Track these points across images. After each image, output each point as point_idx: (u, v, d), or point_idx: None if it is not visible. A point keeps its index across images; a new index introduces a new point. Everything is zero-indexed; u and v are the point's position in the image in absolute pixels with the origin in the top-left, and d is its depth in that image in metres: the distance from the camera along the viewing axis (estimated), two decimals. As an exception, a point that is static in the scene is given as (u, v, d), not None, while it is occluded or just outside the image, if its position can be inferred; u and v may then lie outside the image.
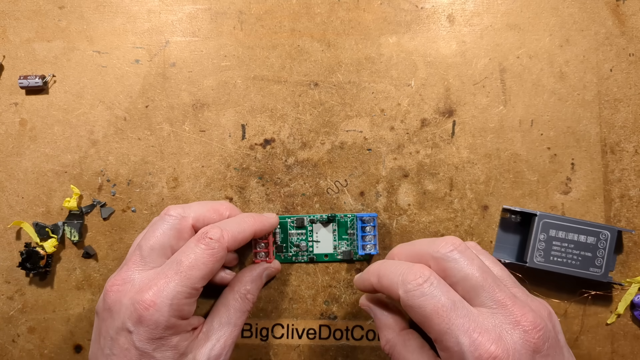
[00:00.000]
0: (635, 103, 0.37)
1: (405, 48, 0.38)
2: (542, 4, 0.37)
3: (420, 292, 0.24)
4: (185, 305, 0.28)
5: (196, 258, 0.28)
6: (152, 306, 0.27)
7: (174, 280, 0.27)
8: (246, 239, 0.31)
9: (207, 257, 0.28)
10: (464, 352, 0.23)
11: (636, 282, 0.36)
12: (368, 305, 0.31)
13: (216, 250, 0.28)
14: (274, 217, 0.35)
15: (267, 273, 0.35)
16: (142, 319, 0.26)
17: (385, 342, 0.29)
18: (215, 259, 0.28)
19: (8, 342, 0.37)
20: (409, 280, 0.25)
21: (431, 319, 0.24)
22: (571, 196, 0.36)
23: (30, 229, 0.37)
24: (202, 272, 0.28)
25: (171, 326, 0.27)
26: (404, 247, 0.29)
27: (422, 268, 0.25)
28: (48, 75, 0.38)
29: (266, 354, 0.36)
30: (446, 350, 0.24)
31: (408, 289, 0.25)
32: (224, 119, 0.38)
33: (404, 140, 0.37)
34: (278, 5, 0.38)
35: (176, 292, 0.27)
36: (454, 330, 0.23)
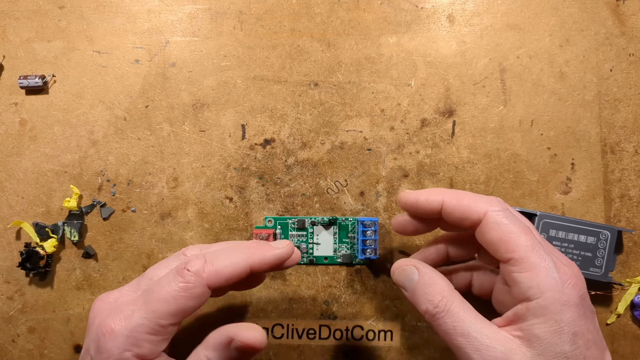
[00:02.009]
0: (635, 103, 0.37)
1: (405, 48, 0.38)
2: (542, 4, 0.37)
3: (509, 213, 0.25)
4: (145, 341, 0.24)
5: (168, 291, 0.24)
6: (110, 333, 0.24)
7: (139, 311, 0.24)
8: (237, 274, 0.26)
9: (179, 291, 0.24)
10: (551, 266, 0.24)
11: (636, 282, 0.36)
12: (413, 263, 0.27)
13: (191, 286, 0.24)
14: (287, 249, 0.28)
15: (236, 345, 0.25)
16: (99, 344, 0.24)
17: (439, 296, 0.25)
18: (190, 296, 0.24)
19: (8, 342, 0.37)
20: (495, 204, 0.26)
21: (519, 234, 0.24)
22: (571, 196, 0.36)
23: (30, 229, 0.37)
24: (171, 307, 0.24)
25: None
26: (448, 191, 0.28)
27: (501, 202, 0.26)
28: (48, 75, 0.38)
29: (266, 354, 0.36)
30: (532, 267, 0.24)
31: (496, 208, 0.25)
32: (224, 119, 0.38)
33: (404, 140, 0.37)
34: (278, 5, 0.38)
35: (136, 324, 0.24)
36: (540, 247, 0.24)
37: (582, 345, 0.23)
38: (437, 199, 0.27)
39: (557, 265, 0.24)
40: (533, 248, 0.24)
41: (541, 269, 0.23)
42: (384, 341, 0.36)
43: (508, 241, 0.24)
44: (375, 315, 0.36)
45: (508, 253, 0.24)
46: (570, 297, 0.23)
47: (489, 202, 0.26)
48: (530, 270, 0.24)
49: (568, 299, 0.23)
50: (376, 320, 0.36)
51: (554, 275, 0.23)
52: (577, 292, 0.24)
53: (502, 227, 0.25)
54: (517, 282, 0.24)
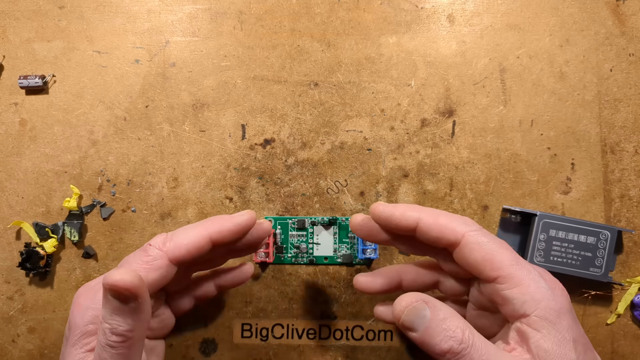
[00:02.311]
0: (635, 103, 0.37)
1: (405, 48, 0.38)
2: (542, 4, 0.37)
3: (485, 232, 0.25)
4: None
5: (132, 265, 0.25)
6: (77, 308, 0.25)
7: None
8: (197, 245, 0.26)
9: (141, 263, 0.25)
10: (539, 278, 0.23)
11: (636, 282, 0.36)
12: (422, 299, 0.24)
13: (152, 259, 0.25)
14: (246, 216, 0.27)
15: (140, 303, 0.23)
16: (70, 322, 0.25)
17: (460, 331, 0.23)
18: (151, 267, 0.25)
19: (8, 342, 0.37)
20: (470, 224, 0.25)
21: (501, 252, 0.24)
22: (571, 196, 0.36)
23: (30, 229, 0.37)
24: None
25: (88, 334, 0.24)
26: (424, 209, 0.26)
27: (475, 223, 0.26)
28: (48, 75, 0.38)
29: (266, 354, 0.36)
30: (521, 281, 0.23)
31: (474, 228, 0.25)
32: (224, 119, 0.38)
33: (404, 140, 0.37)
34: (278, 5, 0.38)
35: (100, 298, 0.24)
36: (522, 261, 0.24)
37: (581, 350, 0.23)
38: (413, 216, 0.26)
39: (541, 274, 0.24)
40: (517, 263, 0.24)
41: (530, 281, 0.23)
42: (384, 341, 0.36)
43: (492, 260, 0.24)
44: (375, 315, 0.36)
45: (494, 271, 0.24)
46: (563, 303, 0.23)
47: (465, 222, 0.25)
48: (520, 285, 0.23)
49: (561, 306, 0.23)
50: (376, 320, 0.36)
51: (543, 285, 0.23)
52: (565, 298, 0.24)
53: (484, 247, 0.24)
54: (509, 299, 0.23)
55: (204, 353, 0.36)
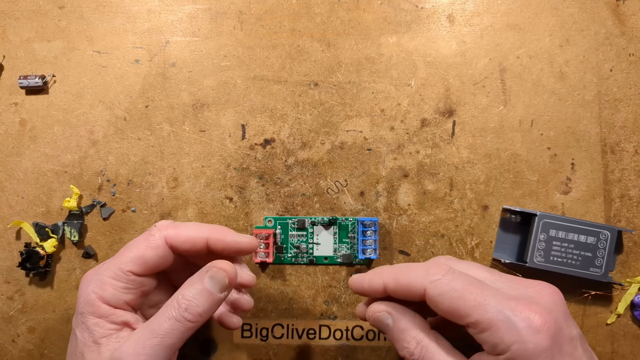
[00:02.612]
0: (635, 103, 0.37)
1: (405, 48, 0.38)
2: (542, 4, 0.37)
3: (448, 279, 0.24)
4: (108, 285, 0.26)
5: (134, 243, 0.28)
6: (84, 280, 0.27)
7: (109, 261, 0.27)
8: (194, 241, 0.28)
9: (141, 240, 0.28)
10: (509, 317, 0.22)
11: (636, 282, 0.36)
12: (386, 309, 0.27)
13: (152, 237, 0.27)
14: (243, 239, 0.29)
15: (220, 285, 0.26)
16: (78, 295, 0.27)
17: (414, 344, 0.26)
18: (149, 246, 0.27)
19: (8, 342, 0.37)
20: (433, 272, 0.25)
21: (465, 297, 0.23)
22: (571, 196, 0.36)
23: (30, 229, 0.37)
24: (131, 253, 0.27)
25: (89, 302, 0.26)
26: (387, 272, 0.27)
27: (442, 264, 0.25)
28: (48, 75, 0.38)
29: (266, 354, 0.36)
30: (489, 324, 0.23)
31: (435, 278, 0.24)
32: (224, 119, 0.38)
33: (404, 140, 0.37)
34: (278, 5, 0.38)
35: (103, 269, 0.27)
36: (491, 300, 0.23)
37: None
38: (378, 283, 0.27)
39: (517, 311, 0.23)
40: (484, 305, 0.23)
41: (499, 323, 0.23)
42: (384, 341, 0.36)
43: (457, 308, 0.24)
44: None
45: (462, 319, 0.24)
46: (538, 343, 0.22)
47: (427, 273, 0.25)
48: (489, 329, 0.23)
49: (535, 347, 0.22)
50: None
51: (514, 327, 0.22)
52: (545, 334, 0.22)
53: (446, 297, 0.24)
54: (483, 342, 0.24)
55: (204, 353, 0.36)
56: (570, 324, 0.24)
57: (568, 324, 0.24)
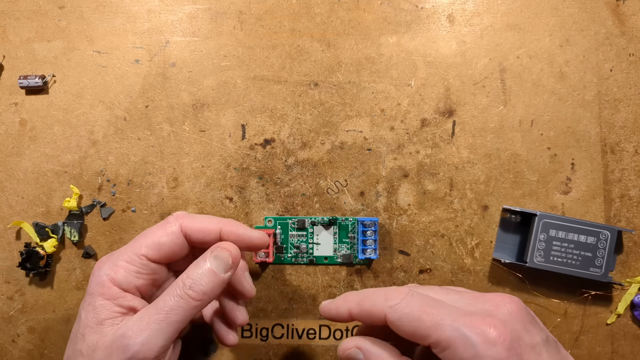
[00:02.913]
0: (635, 103, 0.37)
1: (405, 48, 0.38)
2: (542, 4, 0.37)
3: (406, 302, 0.25)
4: (121, 267, 0.27)
5: (150, 229, 0.29)
6: (98, 263, 0.28)
7: (125, 247, 0.29)
8: (207, 231, 0.29)
9: (157, 228, 0.29)
10: (464, 333, 0.23)
11: (636, 282, 0.36)
12: (356, 344, 0.27)
13: (168, 224, 0.29)
14: (254, 233, 0.30)
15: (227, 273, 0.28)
16: (90, 278, 0.28)
17: None
18: (165, 232, 0.28)
19: (8, 342, 0.37)
20: (392, 297, 0.25)
21: (422, 319, 0.24)
22: (571, 196, 0.36)
23: (30, 229, 0.37)
24: (147, 239, 0.28)
25: (100, 283, 0.27)
26: (352, 298, 0.27)
27: (402, 287, 0.26)
28: (48, 75, 0.38)
29: (266, 354, 0.36)
30: (447, 343, 0.23)
31: (393, 303, 0.25)
32: (224, 119, 0.38)
33: (404, 140, 0.37)
34: (278, 5, 0.38)
35: (117, 253, 0.28)
36: (447, 319, 0.23)
37: None
38: (344, 310, 0.27)
39: (472, 326, 0.23)
40: (441, 325, 0.23)
41: (457, 342, 0.23)
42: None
43: (417, 331, 0.24)
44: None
45: (424, 340, 0.24)
46: (495, 356, 0.22)
47: (387, 297, 0.25)
48: (448, 348, 0.23)
49: (496, 356, 0.22)
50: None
51: (470, 342, 0.23)
52: (501, 346, 0.22)
53: (404, 321, 0.24)
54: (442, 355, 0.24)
55: (204, 353, 0.36)
56: (533, 332, 0.24)
57: (529, 331, 0.24)
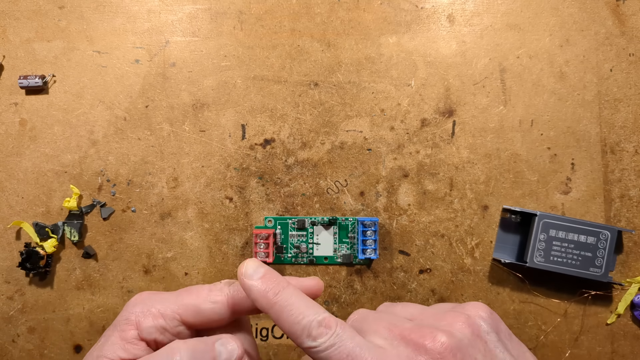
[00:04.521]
0: (635, 103, 0.37)
1: (405, 48, 0.38)
2: (542, 4, 0.37)
3: (325, 347, 0.22)
4: (150, 316, 0.25)
5: (197, 287, 0.26)
6: (138, 297, 0.27)
7: (169, 294, 0.26)
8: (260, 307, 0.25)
9: (204, 289, 0.26)
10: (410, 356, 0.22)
11: (636, 282, 0.36)
12: None
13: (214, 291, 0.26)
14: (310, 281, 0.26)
15: None
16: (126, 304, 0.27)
17: None
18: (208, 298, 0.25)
19: (8, 342, 0.37)
20: (314, 336, 0.22)
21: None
22: (571, 196, 0.36)
23: (30, 229, 0.37)
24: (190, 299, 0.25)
25: (127, 321, 0.26)
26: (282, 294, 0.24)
27: (328, 320, 0.23)
28: (48, 75, 0.38)
29: (266, 354, 0.36)
30: None
31: (312, 345, 0.22)
32: (224, 119, 0.38)
33: (404, 140, 0.37)
34: (278, 5, 0.38)
35: (160, 298, 0.26)
36: (387, 347, 0.22)
37: None
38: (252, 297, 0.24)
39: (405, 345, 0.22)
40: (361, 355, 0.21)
41: None
42: (384, 341, 0.36)
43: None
44: None
45: None
46: None
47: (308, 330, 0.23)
48: None
49: None
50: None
51: None
52: None
53: None
54: None
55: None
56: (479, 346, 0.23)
57: None
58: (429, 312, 0.25)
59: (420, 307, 0.26)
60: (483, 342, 0.23)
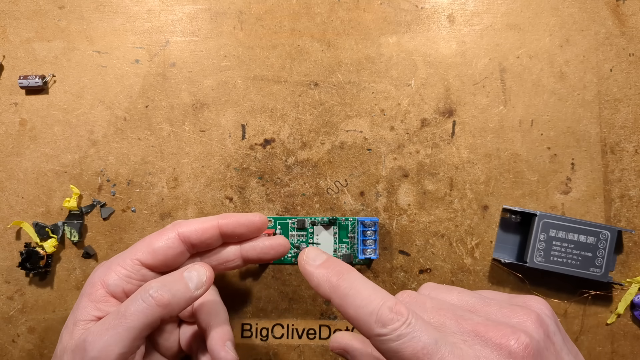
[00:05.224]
0: (635, 103, 0.37)
1: (405, 48, 0.38)
2: (542, 4, 0.37)
3: (397, 335, 0.20)
4: (113, 271, 0.28)
5: (149, 235, 0.29)
6: (97, 266, 0.30)
7: (123, 252, 0.29)
8: (205, 229, 0.28)
9: (155, 233, 0.28)
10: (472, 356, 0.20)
11: (636, 282, 0.36)
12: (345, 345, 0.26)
13: (165, 230, 0.28)
14: (253, 215, 0.29)
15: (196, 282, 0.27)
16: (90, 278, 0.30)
17: None
18: (161, 237, 0.28)
19: (8, 342, 0.37)
20: (384, 322, 0.21)
21: (422, 347, 0.20)
22: (571, 196, 0.36)
23: (30, 229, 0.37)
24: (143, 244, 0.28)
25: (91, 284, 0.28)
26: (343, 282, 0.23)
27: (399, 306, 0.21)
28: (48, 75, 0.38)
29: (266, 354, 0.36)
30: None
31: (382, 332, 0.20)
32: (224, 119, 0.38)
33: (404, 140, 0.37)
34: (278, 5, 0.38)
35: (116, 256, 0.29)
36: (444, 346, 0.20)
37: None
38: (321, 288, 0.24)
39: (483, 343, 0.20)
40: (437, 350, 0.20)
41: None
42: (384, 341, 0.36)
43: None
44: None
45: None
46: None
47: (378, 318, 0.21)
48: None
49: None
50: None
51: None
52: None
53: (390, 355, 0.21)
54: None
55: (204, 353, 0.36)
56: None
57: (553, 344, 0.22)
58: (492, 304, 0.23)
59: (476, 296, 0.24)
60: (552, 344, 0.21)
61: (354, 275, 0.23)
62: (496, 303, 0.23)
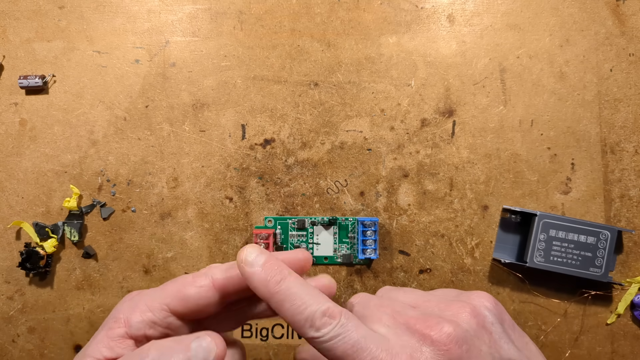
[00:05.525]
0: (635, 103, 0.37)
1: (405, 48, 0.38)
2: (542, 4, 0.37)
3: (329, 337, 0.21)
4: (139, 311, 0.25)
5: (182, 277, 0.25)
6: (126, 297, 0.27)
7: (155, 289, 0.26)
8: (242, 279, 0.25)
9: (188, 277, 0.25)
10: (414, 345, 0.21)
11: (636, 282, 0.36)
12: (312, 356, 0.26)
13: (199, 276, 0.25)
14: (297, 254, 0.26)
15: None
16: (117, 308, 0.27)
17: None
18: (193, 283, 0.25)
19: (8, 342, 0.37)
20: (317, 327, 0.21)
21: None
22: (571, 196, 0.36)
23: (30, 229, 0.37)
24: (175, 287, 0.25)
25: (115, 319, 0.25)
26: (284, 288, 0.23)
27: (332, 310, 0.22)
28: (48, 75, 0.38)
29: (266, 354, 0.36)
30: None
31: (316, 336, 0.21)
32: (224, 119, 0.38)
33: (404, 140, 0.37)
34: (278, 5, 0.38)
35: (146, 293, 0.25)
36: None
37: None
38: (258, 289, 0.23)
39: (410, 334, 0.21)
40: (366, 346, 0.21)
41: None
42: (384, 341, 0.36)
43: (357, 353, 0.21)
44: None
45: None
46: None
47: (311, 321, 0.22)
48: None
49: None
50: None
51: None
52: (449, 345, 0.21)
53: (324, 353, 0.22)
54: None
55: (204, 353, 0.36)
56: None
57: None
58: (433, 300, 0.25)
59: (422, 294, 0.25)
60: (488, 333, 0.23)
61: (291, 280, 0.23)
62: (436, 298, 0.25)
